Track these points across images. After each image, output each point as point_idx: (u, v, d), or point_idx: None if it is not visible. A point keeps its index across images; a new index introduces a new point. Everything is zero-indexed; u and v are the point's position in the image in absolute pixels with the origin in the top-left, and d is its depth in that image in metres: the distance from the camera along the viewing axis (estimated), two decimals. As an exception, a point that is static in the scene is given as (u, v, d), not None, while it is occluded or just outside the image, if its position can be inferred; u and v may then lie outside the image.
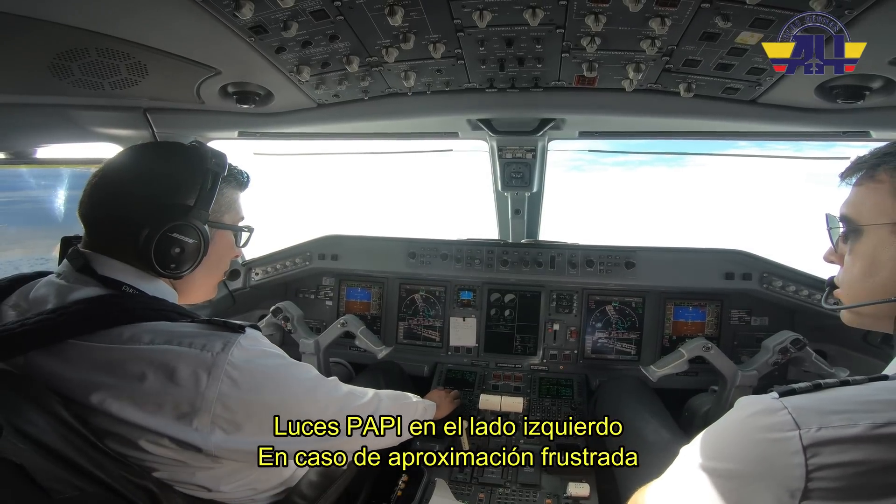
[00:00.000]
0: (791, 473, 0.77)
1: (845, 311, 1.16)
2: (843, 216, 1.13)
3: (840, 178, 1.15)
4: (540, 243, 3.04)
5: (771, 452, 0.80)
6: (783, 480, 0.78)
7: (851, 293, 1.13)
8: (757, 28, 1.37)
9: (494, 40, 1.60)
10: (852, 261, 1.11)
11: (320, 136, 2.76)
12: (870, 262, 1.06)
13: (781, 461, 0.79)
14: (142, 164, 1.29)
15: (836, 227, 1.17)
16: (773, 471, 0.80)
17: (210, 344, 1.11)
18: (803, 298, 2.59)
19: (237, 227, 1.46)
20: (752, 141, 2.69)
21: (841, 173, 1.15)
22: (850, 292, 1.14)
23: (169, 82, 1.82)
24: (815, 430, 0.77)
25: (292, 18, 1.40)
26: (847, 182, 1.14)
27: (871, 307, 1.07)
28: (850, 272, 1.13)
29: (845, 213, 1.13)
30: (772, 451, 0.80)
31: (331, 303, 3.24)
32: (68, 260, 1.21)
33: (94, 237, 1.24)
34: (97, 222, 1.24)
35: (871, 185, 1.07)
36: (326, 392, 1.39)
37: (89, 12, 1.30)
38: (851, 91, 1.61)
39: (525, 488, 2.08)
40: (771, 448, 0.80)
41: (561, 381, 2.82)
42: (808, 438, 0.77)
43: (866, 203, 1.08)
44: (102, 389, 1.04)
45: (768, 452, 0.81)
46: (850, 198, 1.13)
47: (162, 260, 1.20)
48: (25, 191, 2.67)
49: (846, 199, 1.14)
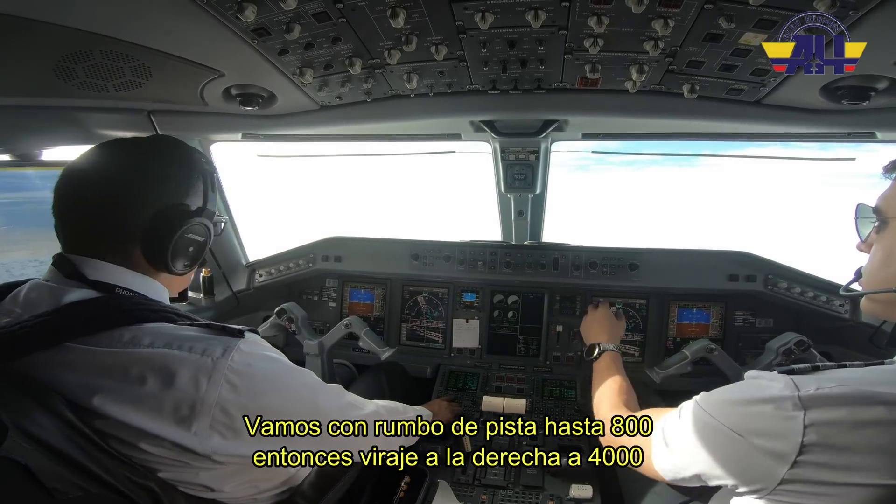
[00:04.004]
0: (790, 428, 0.89)
1: (863, 297, 1.23)
2: (876, 208, 1.18)
3: (883, 170, 1.20)
4: (543, 245, 3.03)
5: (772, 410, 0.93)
6: (783, 435, 0.90)
7: (869, 281, 1.20)
8: (761, 29, 1.36)
9: (497, 42, 1.59)
10: (875, 250, 1.18)
11: (323, 138, 2.78)
12: (888, 252, 1.12)
13: (782, 417, 0.91)
14: (135, 164, 1.25)
15: (866, 216, 1.22)
16: (774, 427, 0.92)
17: (210, 349, 1.11)
18: (809, 300, 2.58)
19: (220, 218, 1.48)
20: (764, 142, 2.67)
21: (885, 166, 1.19)
22: (868, 280, 1.20)
23: (173, 85, 1.82)
24: (814, 391, 0.90)
25: (295, 21, 1.41)
26: (887, 176, 1.19)
27: (884, 294, 1.14)
28: (871, 261, 1.19)
29: (878, 205, 1.18)
30: (773, 409, 0.92)
31: (334, 304, 3.25)
32: (55, 266, 1.19)
33: (83, 241, 1.21)
34: (88, 226, 1.21)
35: None
36: (327, 399, 1.38)
37: (93, 15, 1.31)
38: (856, 92, 1.60)
39: (528, 490, 2.08)
40: (772, 406, 0.93)
41: (564, 382, 2.82)
42: (806, 397, 0.89)
43: None
44: (103, 392, 1.04)
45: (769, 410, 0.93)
46: (886, 191, 1.18)
47: (174, 260, 1.24)
48: (31, 192, 2.68)
49: (883, 192, 1.19)
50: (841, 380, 0.90)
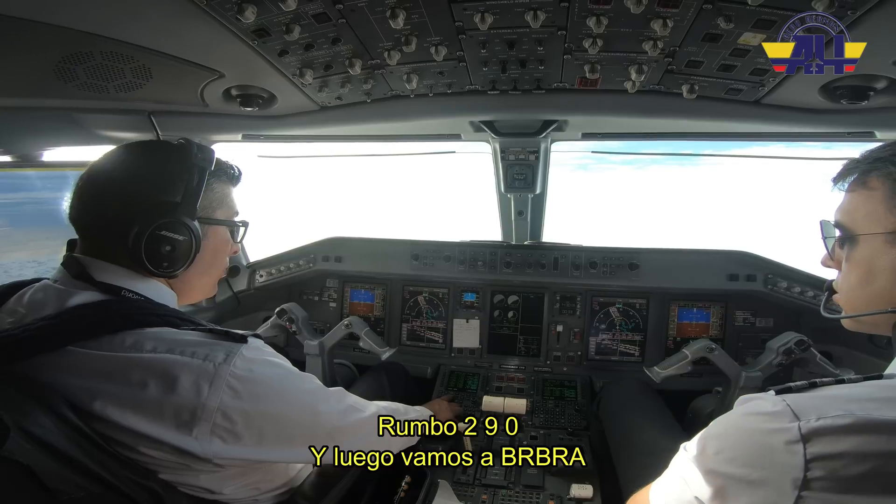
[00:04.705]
0: (791, 462, 0.79)
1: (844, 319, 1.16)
2: (838, 223, 1.13)
3: (833, 182, 1.15)
4: (543, 245, 3.04)
5: (771, 443, 0.82)
6: (783, 470, 0.80)
7: (850, 300, 1.14)
8: (760, 29, 1.36)
9: (496, 42, 1.60)
10: (849, 268, 1.11)
11: (324, 139, 2.78)
12: (866, 270, 1.06)
13: (781, 452, 0.81)
14: (127, 164, 1.27)
15: (830, 234, 1.17)
16: (774, 462, 0.82)
17: (212, 354, 1.11)
18: (808, 299, 2.58)
19: (230, 221, 1.43)
20: (766, 142, 2.67)
21: (833, 177, 1.15)
22: (849, 299, 1.14)
23: (173, 86, 1.83)
24: (814, 421, 0.79)
25: (295, 21, 1.41)
26: (840, 187, 1.13)
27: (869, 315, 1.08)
28: (847, 280, 1.13)
29: (840, 220, 1.12)
30: (772, 442, 0.82)
31: (335, 304, 3.25)
32: (64, 266, 1.20)
33: (88, 241, 1.23)
34: (89, 225, 1.23)
35: (863, 193, 1.07)
36: (328, 404, 1.38)
37: (94, 16, 1.31)
38: (855, 91, 1.61)
39: (528, 490, 2.08)
40: (771, 439, 0.83)
41: (564, 382, 2.82)
42: (807, 429, 0.79)
43: (860, 211, 1.07)
44: (104, 396, 1.04)
45: (769, 443, 0.83)
46: (843, 204, 1.13)
47: (154, 259, 1.19)
48: (32, 193, 2.69)
49: (840, 204, 1.13)
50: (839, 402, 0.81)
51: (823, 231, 1.21)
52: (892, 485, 0.75)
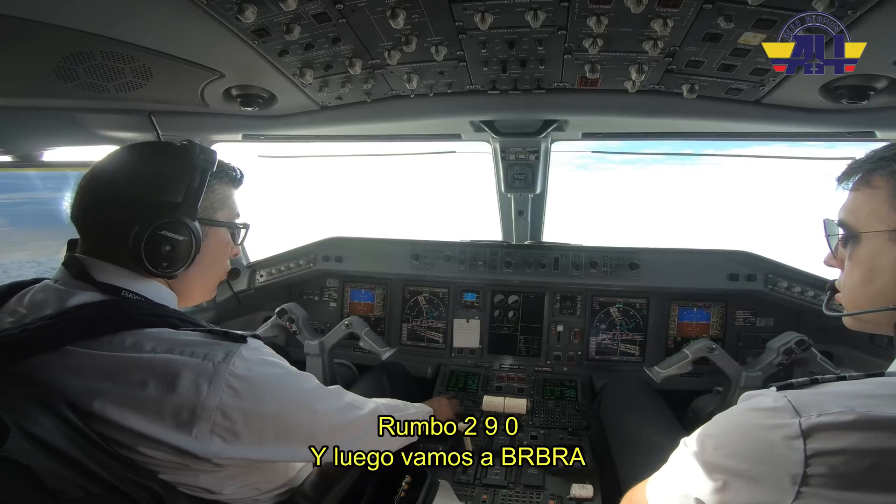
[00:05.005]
0: (791, 458, 0.80)
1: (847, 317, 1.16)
2: (841, 222, 1.14)
3: (837, 181, 1.16)
4: (543, 245, 3.04)
5: (772, 438, 0.83)
6: (783, 465, 0.81)
7: (852, 299, 1.14)
8: (760, 28, 1.36)
9: (496, 42, 1.60)
10: (852, 267, 1.12)
11: (324, 139, 2.78)
12: (869, 268, 1.07)
13: (782, 447, 0.81)
14: (130, 165, 1.27)
15: (834, 233, 1.18)
16: (774, 458, 0.83)
17: (212, 354, 1.11)
18: (809, 299, 2.58)
19: (231, 223, 1.43)
20: (767, 141, 2.67)
21: (837, 177, 1.15)
22: (851, 298, 1.15)
23: (173, 85, 1.83)
24: (815, 417, 0.80)
25: (295, 21, 1.41)
26: (844, 186, 1.14)
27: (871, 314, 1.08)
28: (850, 278, 1.13)
29: (843, 218, 1.13)
30: (772, 437, 0.83)
31: (335, 304, 3.25)
32: (65, 266, 1.20)
33: (89, 241, 1.23)
34: (90, 225, 1.23)
35: (867, 191, 1.08)
36: (326, 403, 1.38)
37: (94, 16, 1.31)
38: (856, 91, 1.60)
39: (529, 489, 2.08)
40: (771, 434, 0.83)
41: (565, 382, 2.82)
42: (807, 425, 0.80)
43: (863, 209, 1.08)
44: (104, 396, 1.04)
45: (769, 438, 0.84)
46: (847, 203, 1.13)
47: (153, 259, 1.19)
48: (32, 193, 2.69)
49: (843, 203, 1.14)
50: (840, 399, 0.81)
51: (826, 229, 1.21)
52: (892, 482, 0.75)
